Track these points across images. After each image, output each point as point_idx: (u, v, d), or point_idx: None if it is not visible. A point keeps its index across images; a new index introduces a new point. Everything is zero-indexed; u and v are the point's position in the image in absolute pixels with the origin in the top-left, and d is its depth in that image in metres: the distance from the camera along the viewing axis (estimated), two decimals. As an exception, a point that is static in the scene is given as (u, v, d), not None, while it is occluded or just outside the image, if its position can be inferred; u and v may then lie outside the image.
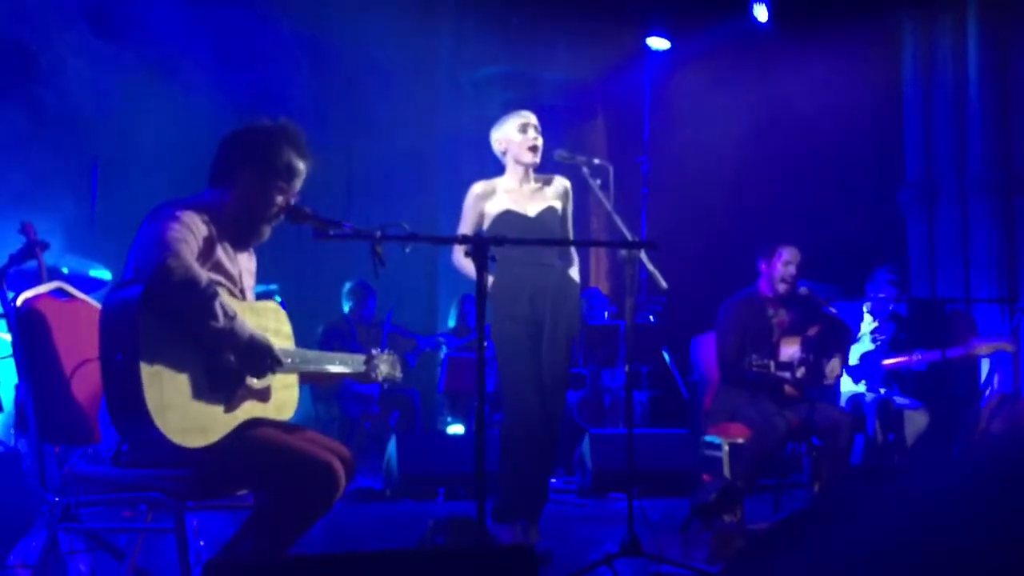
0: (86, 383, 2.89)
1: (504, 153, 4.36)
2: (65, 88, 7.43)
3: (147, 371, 2.54)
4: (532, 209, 4.34)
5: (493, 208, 4.31)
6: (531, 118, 4.34)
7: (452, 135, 9.49)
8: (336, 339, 7.21)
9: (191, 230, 2.71)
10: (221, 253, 2.82)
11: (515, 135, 4.30)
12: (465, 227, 4.33)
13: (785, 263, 5.20)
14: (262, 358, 2.73)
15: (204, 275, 2.64)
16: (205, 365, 2.66)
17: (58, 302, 3.05)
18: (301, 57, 8.94)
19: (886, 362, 5.93)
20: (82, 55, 7.55)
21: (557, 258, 4.37)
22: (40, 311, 2.96)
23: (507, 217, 4.29)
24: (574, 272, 4.42)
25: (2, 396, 4.69)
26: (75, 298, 3.11)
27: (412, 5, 8.85)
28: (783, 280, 5.19)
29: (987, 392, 6.27)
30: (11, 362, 4.04)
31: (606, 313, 7.75)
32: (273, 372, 2.78)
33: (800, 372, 4.93)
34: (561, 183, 4.44)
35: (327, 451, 2.78)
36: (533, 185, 4.39)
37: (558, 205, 4.39)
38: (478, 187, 4.37)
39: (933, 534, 1.86)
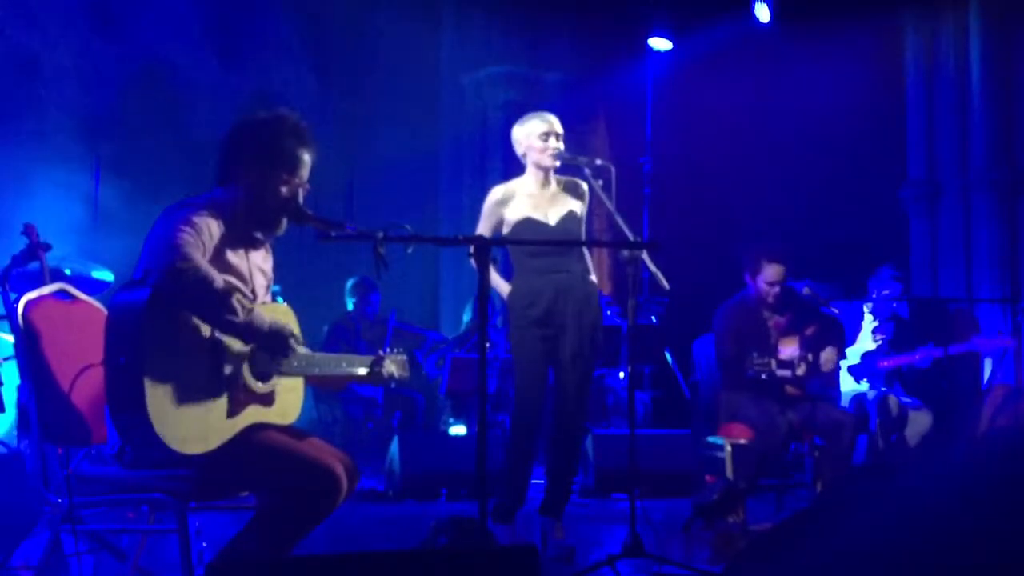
0: (88, 385, 2.89)
1: (524, 155, 4.34)
2: (67, 89, 7.44)
3: (150, 376, 2.54)
4: (553, 216, 4.29)
5: (513, 214, 4.27)
6: (554, 125, 4.29)
7: (453, 135, 9.49)
8: (341, 337, 7.21)
9: (203, 233, 2.70)
10: (231, 252, 2.82)
11: (536, 142, 4.27)
12: (483, 232, 4.27)
13: (769, 283, 5.12)
14: (284, 344, 2.74)
15: (217, 273, 2.64)
16: (208, 371, 2.66)
17: (61, 304, 3.05)
18: (302, 57, 8.95)
19: (883, 363, 5.91)
20: (84, 56, 7.57)
21: (575, 262, 4.30)
22: (43, 313, 2.96)
23: (527, 224, 4.25)
24: (593, 276, 4.37)
25: (5, 397, 4.69)
26: (77, 299, 3.11)
27: (413, 5, 8.85)
28: (771, 297, 5.15)
29: (988, 385, 6.26)
30: (14, 363, 4.05)
31: (608, 312, 7.74)
32: (288, 356, 2.77)
33: (801, 369, 4.92)
34: (581, 186, 4.36)
35: (331, 456, 2.77)
36: (554, 188, 4.34)
37: (579, 210, 4.35)
38: (497, 192, 4.31)
39: (936, 534, 1.86)
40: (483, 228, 4.30)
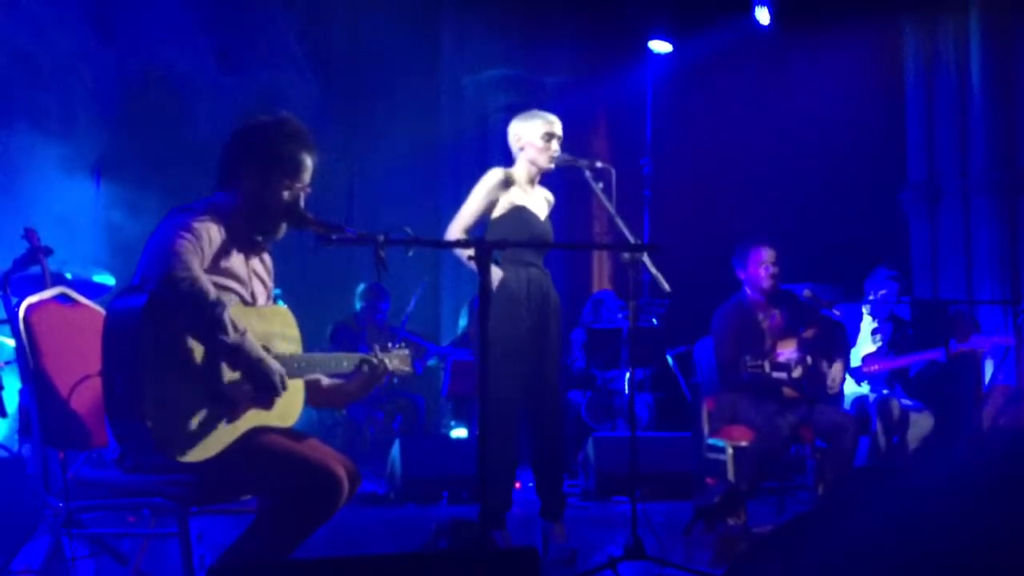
0: (89, 389, 2.89)
1: (521, 149, 4.37)
2: (68, 92, 7.45)
3: (147, 383, 2.53)
4: (540, 211, 4.40)
5: (510, 199, 4.31)
6: (556, 127, 4.32)
7: (454, 138, 9.49)
8: (346, 338, 7.21)
9: (202, 239, 2.69)
10: (231, 256, 2.81)
11: (538, 141, 4.30)
12: (471, 211, 4.29)
13: (762, 264, 5.17)
14: (270, 382, 2.70)
15: (212, 287, 2.63)
16: (207, 377, 2.65)
17: (61, 307, 3.05)
18: (303, 61, 8.95)
19: (872, 368, 5.87)
20: (85, 59, 7.57)
21: (546, 265, 4.42)
22: (44, 317, 2.96)
23: (524, 214, 4.31)
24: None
25: (6, 401, 4.69)
26: (78, 303, 3.12)
27: (414, 8, 8.86)
28: (765, 280, 5.17)
29: (990, 387, 6.24)
30: (15, 367, 4.05)
31: (620, 315, 7.74)
32: (278, 396, 2.76)
33: (797, 372, 4.92)
34: (551, 196, 4.50)
35: (332, 459, 2.77)
36: (539, 189, 4.44)
37: (549, 212, 4.47)
38: (499, 174, 4.33)
39: (938, 535, 1.86)
40: (474, 205, 4.29)
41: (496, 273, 4.24)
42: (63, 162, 6.97)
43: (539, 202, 4.42)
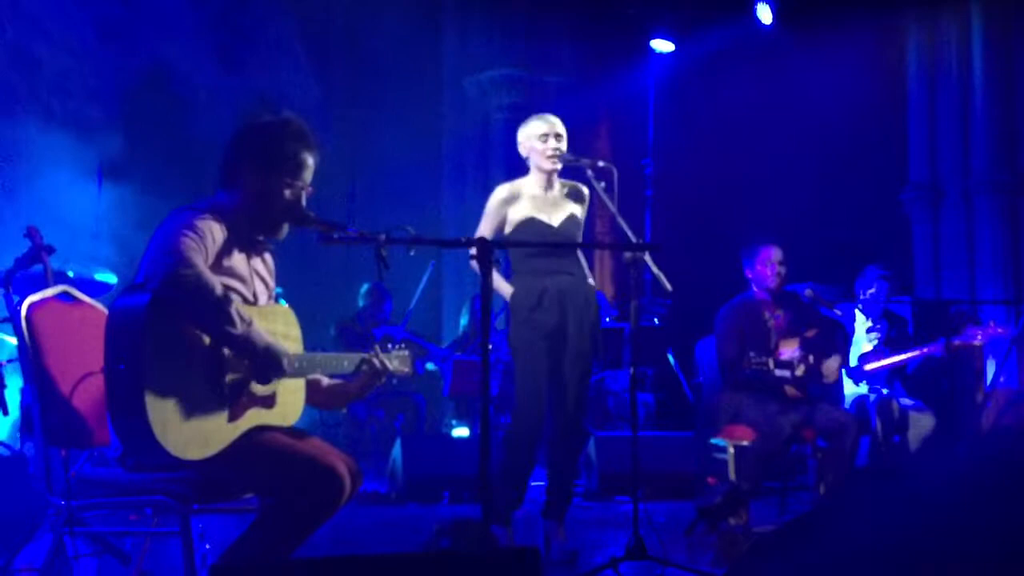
0: (91, 387, 2.89)
1: (527, 157, 4.34)
2: (70, 92, 7.46)
3: (149, 382, 2.53)
4: (556, 218, 4.30)
5: (517, 214, 4.27)
6: (555, 125, 4.29)
7: (456, 137, 9.50)
8: (351, 338, 7.24)
9: (205, 237, 2.69)
10: (233, 256, 2.81)
11: (537, 143, 4.27)
12: (486, 231, 4.27)
13: (769, 263, 5.19)
14: (277, 366, 2.71)
15: (217, 282, 2.64)
16: (209, 375, 2.65)
17: (64, 306, 3.05)
18: (304, 60, 8.96)
19: (869, 366, 5.85)
20: (87, 60, 7.58)
21: (575, 265, 4.32)
22: (46, 315, 2.97)
23: (531, 224, 4.25)
24: (591, 279, 4.39)
25: (8, 400, 4.69)
26: (80, 302, 3.11)
27: (415, 8, 8.86)
28: (771, 279, 5.19)
29: (992, 387, 6.23)
30: (17, 366, 4.05)
31: (608, 317, 7.75)
32: (279, 379, 2.78)
33: (800, 370, 4.92)
34: (583, 190, 4.39)
35: (333, 457, 2.77)
36: (556, 191, 4.34)
37: (579, 213, 4.37)
38: (503, 191, 4.31)
39: (939, 535, 1.86)
40: (486, 226, 4.29)
41: (506, 288, 4.24)
42: (64, 161, 6.98)
43: (557, 205, 4.31)
